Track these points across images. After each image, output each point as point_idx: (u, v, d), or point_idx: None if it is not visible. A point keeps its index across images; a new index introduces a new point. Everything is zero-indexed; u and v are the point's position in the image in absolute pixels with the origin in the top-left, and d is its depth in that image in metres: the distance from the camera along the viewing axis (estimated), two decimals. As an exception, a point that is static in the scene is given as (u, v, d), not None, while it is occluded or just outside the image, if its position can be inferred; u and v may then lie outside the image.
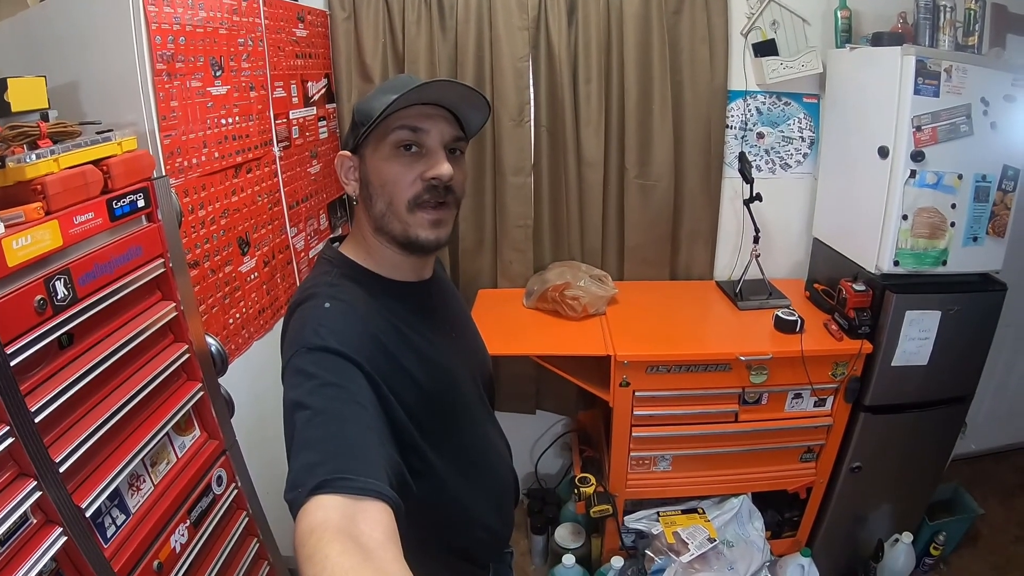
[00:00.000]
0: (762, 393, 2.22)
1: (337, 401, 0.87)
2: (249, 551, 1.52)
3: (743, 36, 2.48)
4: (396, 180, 1.03)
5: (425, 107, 1.03)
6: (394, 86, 1.04)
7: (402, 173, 1.03)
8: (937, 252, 2.08)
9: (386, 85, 1.10)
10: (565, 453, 3.05)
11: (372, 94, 1.10)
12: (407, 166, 1.03)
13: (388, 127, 1.02)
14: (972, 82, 1.98)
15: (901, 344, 2.12)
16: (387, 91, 1.04)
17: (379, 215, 1.06)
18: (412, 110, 1.02)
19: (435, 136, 1.04)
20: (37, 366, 1.00)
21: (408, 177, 1.03)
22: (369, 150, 1.06)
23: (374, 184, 1.05)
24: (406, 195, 1.03)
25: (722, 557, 2.24)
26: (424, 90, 1.00)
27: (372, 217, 1.07)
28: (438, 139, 1.05)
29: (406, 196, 1.03)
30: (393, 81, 1.12)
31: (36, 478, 0.95)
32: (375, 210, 1.06)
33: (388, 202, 1.04)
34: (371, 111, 1.02)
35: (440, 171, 1.03)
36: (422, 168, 1.03)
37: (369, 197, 1.07)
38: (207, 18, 1.60)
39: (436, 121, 1.05)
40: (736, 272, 2.63)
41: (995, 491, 2.99)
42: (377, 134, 1.04)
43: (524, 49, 2.40)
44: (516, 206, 2.56)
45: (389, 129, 1.02)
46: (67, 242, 1.03)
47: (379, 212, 1.06)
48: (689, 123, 2.54)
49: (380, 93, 1.06)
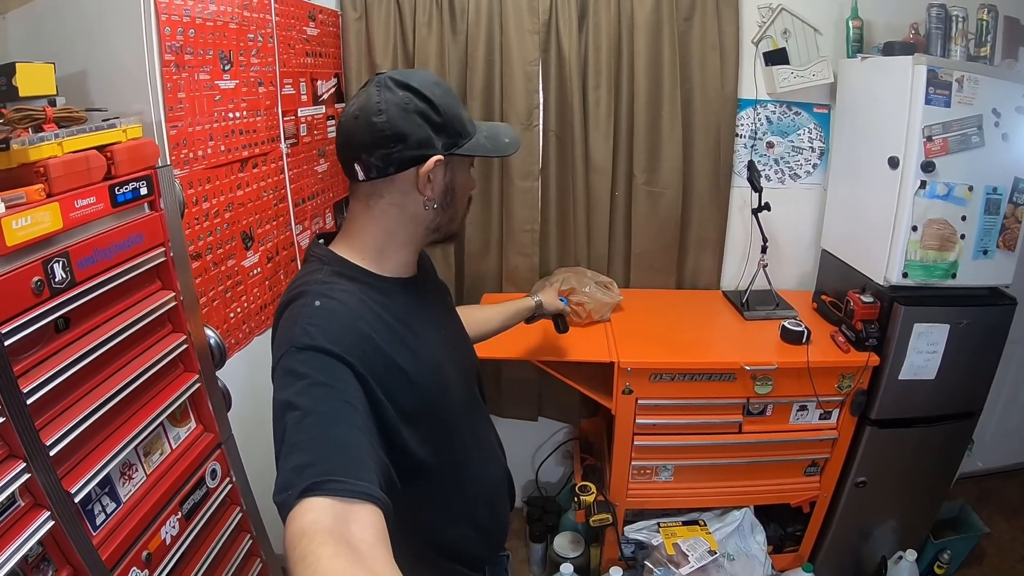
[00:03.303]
0: (767, 404, 2.19)
1: (327, 401, 0.87)
2: (241, 547, 1.51)
3: (754, 44, 2.47)
4: (468, 193, 1.18)
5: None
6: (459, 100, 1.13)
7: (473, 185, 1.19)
8: (947, 265, 2.06)
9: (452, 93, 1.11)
10: (566, 461, 3.02)
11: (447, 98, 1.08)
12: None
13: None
14: (984, 93, 1.96)
15: (909, 357, 2.10)
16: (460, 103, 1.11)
17: (449, 220, 1.14)
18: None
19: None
20: (32, 348, 1.00)
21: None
22: (457, 161, 1.11)
23: (458, 195, 1.13)
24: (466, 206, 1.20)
25: (723, 570, 2.21)
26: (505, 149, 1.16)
27: (437, 220, 1.12)
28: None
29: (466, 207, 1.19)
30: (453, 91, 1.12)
31: (25, 460, 0.95)
32: (450, 214, 1.14)
33: (459, 210, 1.16)
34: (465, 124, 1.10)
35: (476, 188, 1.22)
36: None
37: (449, 204, 1.13)
38: (217, 12, 1.60)
39: None
40: (743, 282, 2.61)
41: (1001, 510, 2.95)
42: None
43: (534, 53, 2.39)
44: (523, 210, 2.55)
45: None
46: (67, 225, 1.03)
47: (448, 218, 1.14)
48: (698, 131, 2.53)
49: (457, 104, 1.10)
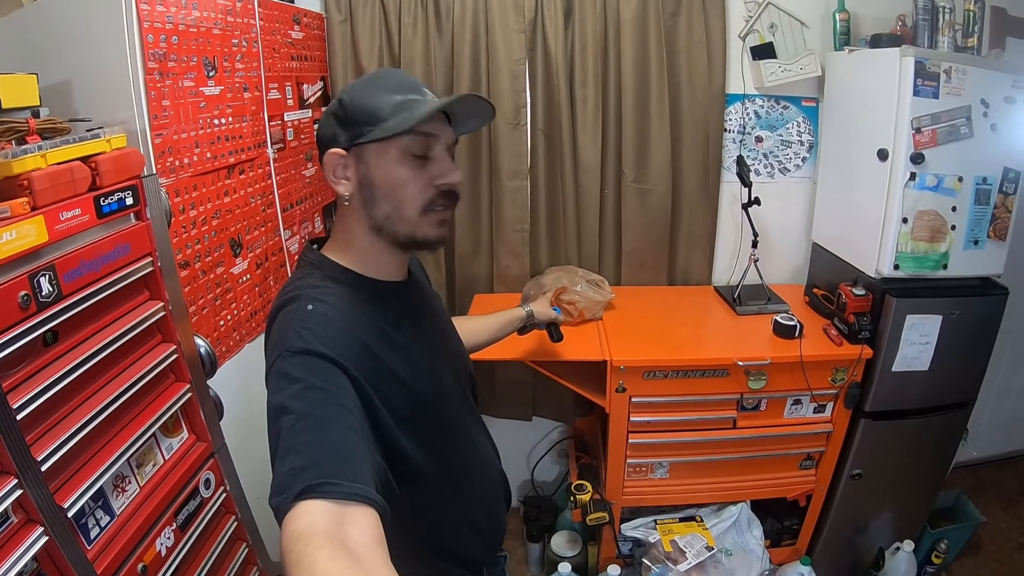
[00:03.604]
0: (761, 399, 2.19)
1: (322, 405, 0.86)
2: (238, 556, 1.50)
3: (741, 39, 2.47)
4: (406, 185, 1.02)
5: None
6: (399, 86, 1.03)
7: (413, 179, 1.02)
8: (938, 256, 2.07)
9: (385, 82, 1.05)
10: (562, 460, 3.02)
11: (367, 88, 1.04)
12: (417, 172, 1.02)
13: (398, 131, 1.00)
14: (972, 84, 1.97)
15: (902, 349, 2.10)
16: (388, 89, 1.02)
17: (383, 217, 1.04)
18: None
19: (442, 141, 1.04)
20: (20, 363, 0.99)
21: (419, 183, 1.02)
22: (372, 151, 1.02)
23: (380, 188, 1.02)
24: (418, 201, 1.03)
25: (720, 566, 2.21)
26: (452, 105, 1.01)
27: (372, 218, 1.04)
28: (443, 144, 1.04)
29: (418, 202, 1.03)
30: (390, 78, 1.07)
31: (17, 476, 0.94)
32: (377, 212, 1.04)
33: (396, 206, 1.03)
34: (376, 110, 1.00)
35: (453, 179, 1.04)
36: (432, 174, 1.03)
37: (372, 199, 1.03)
38: (200, 18, 1.59)
39: (442, 125, 1.04)
40: (735, 277, 2.62)
41: (997, 498, 2.96)
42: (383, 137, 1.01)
43: (521, 52, 2.39)
44: (513, 210, 2.54)
45: (400, 134, 1.00)
46: (53, 238, 1.02)
47: (383, 215, 1.03)
48: (687, 127, 2.53)
49: (381, 91, 1.02)
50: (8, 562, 0.92)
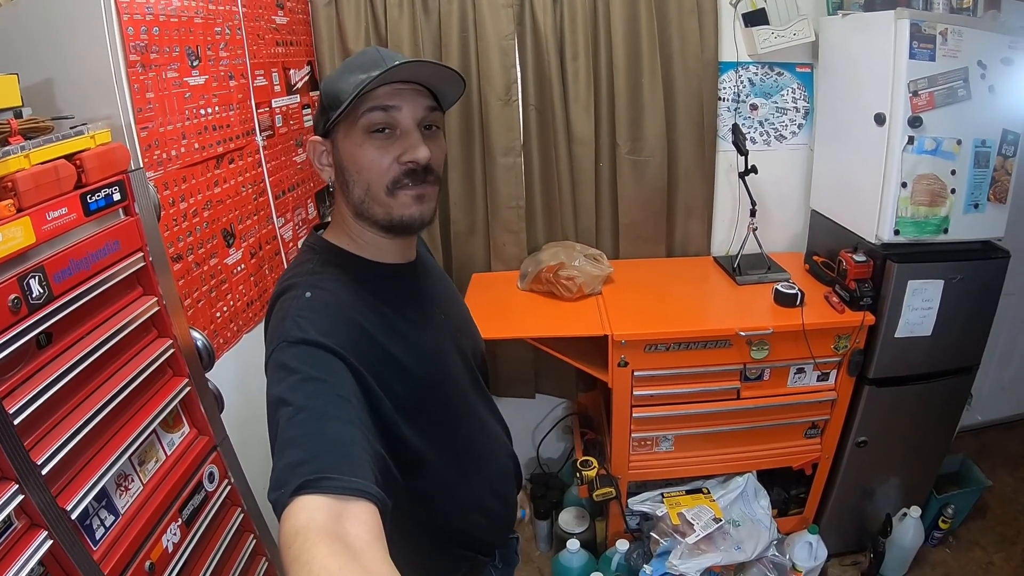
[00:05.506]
0: (764, 369, 2.19)
1: (320, 396, 0.85)
2: (246, 548, 1.50)
3: (732, 6, 2.42)
4: (371, 166, 0.99)
5: (395, 83, 0.99)
6: (362, 64, 0.99)
7: (377, 158, 0.99)
8: (938, 220, 2.05)
9: (352, 62, 1.03)
10: (567, 436, 3.03)
11: (338, 73, 1.03)
12: (382, 150, 0.99)
13: (358, 109, 0.98)
14: (968, 45, 1.93)
15: (904, 315, 2.09)
16: (353, 70, 0.99)
17: (358, 201, 1.02)
18: (382, 89, 0.97)
19: (408, 114, 1.00)
20: (15, 367, 0.98)
21: (384, 162, 0.99)
22: (341, 134, 1.01)
23: (349, 170, 1.01)
24: (384, 180, 1.00)
25: (728, 537, 2.22)
26: (391, 74, 0.95)
27: (351, 203, 1.03)
28: (411, 117, 1.00)
29: (384, 181, 1.00)
30: (359, 58, 1.04)
31: (17, 481, 0.93)
32: (353, 196, 1.02)
33: (366, 188, 1.01)
34: (339, 93, 0.98)
35: (417, 155, 0.99)
36: (398, 150, 0.99)
37: (346, 183, 1.03)
38: (181, 7, 1.56)
39: (408, 97, 1.00)
40: (734, 247, 2.60)
41: (1003, 462, 2.97)
42: (348, 117, 0.99)
43: (509, 27, 2.35)
44: (507, 187, 2.52)
45: (359, 111, 0.98)
46: (40, 239, 1.01)
47: (358, 198, 1.02)
48: (680, 97, 2.50)
49: (346, 72, 1.01)
50: (14, 568, 0.91)
